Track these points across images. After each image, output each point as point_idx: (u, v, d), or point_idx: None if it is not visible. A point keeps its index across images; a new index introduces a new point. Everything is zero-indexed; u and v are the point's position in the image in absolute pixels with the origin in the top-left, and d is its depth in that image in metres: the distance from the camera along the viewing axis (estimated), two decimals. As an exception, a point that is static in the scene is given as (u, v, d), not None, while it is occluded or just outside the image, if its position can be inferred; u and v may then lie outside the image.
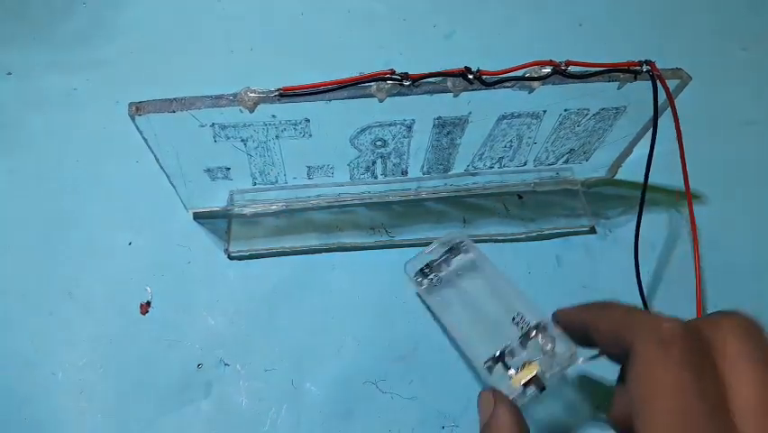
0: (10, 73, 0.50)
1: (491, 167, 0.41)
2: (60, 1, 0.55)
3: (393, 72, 0.31)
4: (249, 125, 0.33)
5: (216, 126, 0.32)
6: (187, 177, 0.36)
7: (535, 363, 0.29)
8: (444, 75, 0.31)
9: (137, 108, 0.30)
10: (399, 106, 0.32)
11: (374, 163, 0.38)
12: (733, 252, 0.41)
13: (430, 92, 0.32)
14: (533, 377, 0.28)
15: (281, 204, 0.42)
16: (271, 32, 0.53)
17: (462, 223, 0.42)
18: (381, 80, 0.31)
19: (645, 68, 0.33)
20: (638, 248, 0.37)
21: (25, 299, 0.38)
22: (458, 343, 0.35)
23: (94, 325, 0.37)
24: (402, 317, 0.38)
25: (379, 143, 0.36)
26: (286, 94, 0.30)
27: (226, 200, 0.41)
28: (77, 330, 0.37)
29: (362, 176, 0.40)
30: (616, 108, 0.36)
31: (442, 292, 0.36)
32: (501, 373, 0.29)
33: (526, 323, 0.31)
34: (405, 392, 0.35)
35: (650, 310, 0.33)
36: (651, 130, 0.35)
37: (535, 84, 0.32)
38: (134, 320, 0.37)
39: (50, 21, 0.53)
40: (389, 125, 0.35)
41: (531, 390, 0.28)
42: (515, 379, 0.29)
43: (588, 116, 0.36)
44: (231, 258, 0.40)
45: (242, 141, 0.34)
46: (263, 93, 0.31)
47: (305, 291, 0.39)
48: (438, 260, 0.36)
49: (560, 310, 0.30)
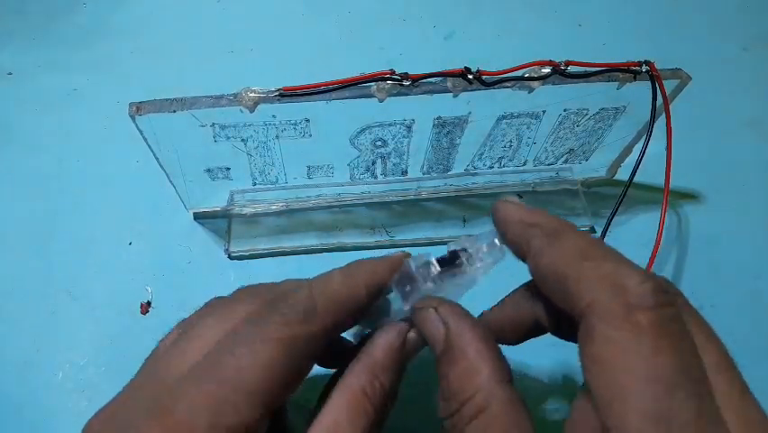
0: (10, 73, 0.50)
1: (491, 167, 0.41)
2: (60, 1, 0.55)
3: (393, 72, 0.31)
4: (249, 125, 0.33)
5: (216, 126, 0.32)
6: (188, 177, 0.36)
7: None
8: (444, 75, 0.32)
9: (137, 108, 0.30)
10: (399, 106, 0.32)
11: (374, 163, 0.38)
12: (731, 251, 0.41)
13: (430, 92, 0.32)
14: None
15: (281, 204, 0.42)
16: (271, 32, 0.53)
17: (462, 223, 0.42)
18: (381, 80, 0.31)
19: (645, 68, 0.33)
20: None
21: (26, 299, 0.38)
22: None
23: (94, 325, 0.37)
24: (402, 316, 0.38)
25: (379, 143, 0.36)
26: (286, 94, 0.31)
27: (226, 200, 0.41)
28: (77, 330, 0.37)
29: (362, 176, 0.40)
30: (615, 108, 0.36)
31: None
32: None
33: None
34: (405, 392, 0.35)
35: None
36: (648, 129, 0.35)
37: (535, 84, 0.32)
38: (135, 320, 0.37)
39: (51, 21, 0.53)
40: (389, 125, 0.35)
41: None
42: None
43: (587, 116, 0.36)
44: (231, 258, 0.40)
45: (243, 141, 0.34)
46: (263, 93, 0.31)
47: (305, 291, 0.39)
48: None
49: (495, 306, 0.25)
